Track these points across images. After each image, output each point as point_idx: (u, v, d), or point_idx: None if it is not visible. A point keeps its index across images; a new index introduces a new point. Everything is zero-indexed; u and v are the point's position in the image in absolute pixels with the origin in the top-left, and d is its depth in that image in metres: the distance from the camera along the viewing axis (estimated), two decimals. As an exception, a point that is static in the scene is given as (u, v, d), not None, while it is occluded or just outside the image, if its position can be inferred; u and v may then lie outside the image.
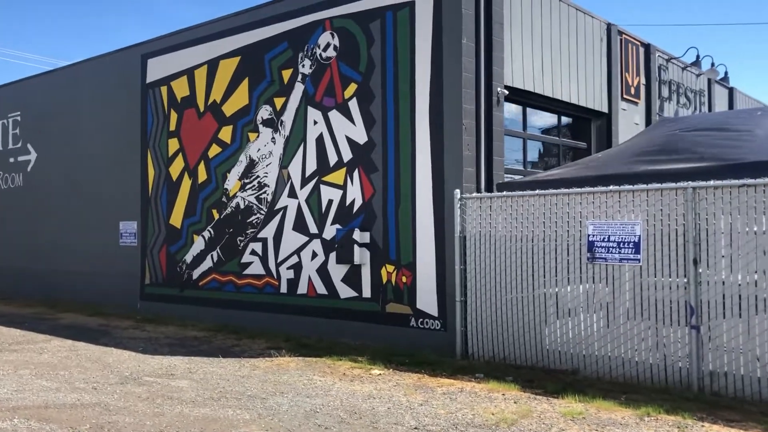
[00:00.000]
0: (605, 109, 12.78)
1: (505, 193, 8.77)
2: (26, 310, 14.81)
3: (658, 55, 14.57)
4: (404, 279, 9.93)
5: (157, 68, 13.82)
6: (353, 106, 10.60)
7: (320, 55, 11.03)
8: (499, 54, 10.02)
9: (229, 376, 8.15)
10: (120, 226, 14.58)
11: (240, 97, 12.23)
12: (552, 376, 7.93)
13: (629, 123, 13.51)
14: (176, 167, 13.38)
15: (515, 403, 6.88)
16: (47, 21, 69.28)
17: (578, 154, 12.82)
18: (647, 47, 14.12)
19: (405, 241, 9.95)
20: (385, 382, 7.84)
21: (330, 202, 10.89)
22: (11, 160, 17.67)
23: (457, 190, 9.16)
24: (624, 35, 13.30)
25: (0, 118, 18.05)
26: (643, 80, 14.02)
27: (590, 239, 7.92)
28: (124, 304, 14.16)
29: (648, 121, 14.12)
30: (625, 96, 13.34)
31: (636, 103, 13.80)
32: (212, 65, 12.71)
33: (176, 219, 13.36)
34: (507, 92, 10.10)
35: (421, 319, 9.74)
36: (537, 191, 8.42)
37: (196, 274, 12.94)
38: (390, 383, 7.80)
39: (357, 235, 10.33)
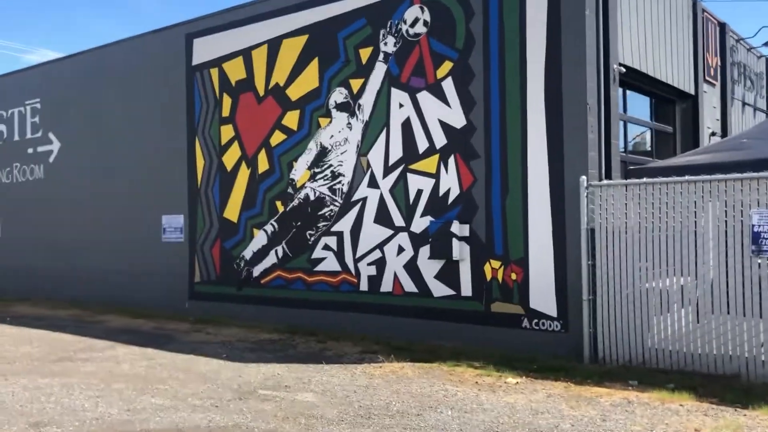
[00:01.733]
0: (692, 91, 12.05)
1: (645, 179, 7.96)
2: (59, 311, 13.73)
3: (729, 35, 13.89)
4: (513, 276, 9.10)
5: (205, 49, 12.76)
6: (448, 86, 9.71)
7: (407, 31, 10.11)
8: (614, 27, 9.20)
9: (352, 387, 7.27)
10: (162, 221, 13.52)
11: (308, 80, 11.25)
12: (714, 382, 7.17)
13: (709, 106, 12.82)
14: (231, 156, 12.36)
15: (706, 416, 6.10)
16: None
17: (662, 138, 12.09)
18: (722, 26, 13.43)
19: (514, 235, 9.11)
20: (533, 393, 7.02)
21: (419, 192, 10.00)
22: (30, 150, 16.44)
23: (583, 177, 8.34)
24: (705, 13, 12.58)
25: (16, 105, 16.79)
26: (719, 61, 13.33)
27: (755, 230, 7.16)
28: (169, 305, 13.14)
29: (723, 104, 13.45)
30: (706, 77, 12.64)
31: (714, 85, 13.11)
32: (274, 45, 11.70)
33: (232, 212, 12.36)
34: (624, 70, 9.29)
35: (535, 320, 8.92)
36: (686, 177, 7.63)
37: (257, 271, 11.97)
38: (539, 393, 6.98)
39: (456, 227, 9.46)
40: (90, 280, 14.88)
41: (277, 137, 11.70)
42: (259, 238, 11.95)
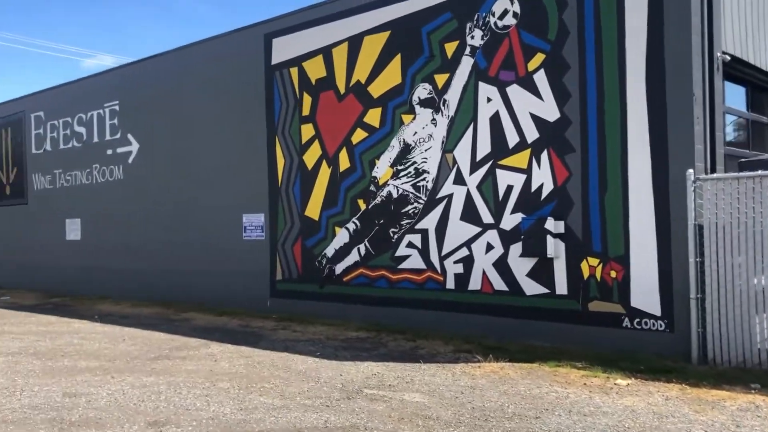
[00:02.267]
0: (790, 79, 11.46)
1: (760, 172, 7.58)
2: (142, 310, 14.00)
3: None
4: (613, 274, 8.80)
5: (285, 48, 12.80)
6: (540, 79, 9.46)
7: (495, 24, 9.90)
8: (718, 13, 8.80)
9: (457, 388, 7.12)
10: (243, 220, 13.64)
11: (390, 76, 11.15)
12: None
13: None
14: (312, 155, 12.37)
15: None
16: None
17: (757, 129, 11.55)
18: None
19: (614, 231, 8.81)
20: (648, 395, 6.74)
21: (509, 188, 9.79)
22: (109, 152, 16.83)
23: (690, 171, 7.99)
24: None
25: (94, 108, 17.21)
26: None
27: None
28: (250, 302, 13.25)
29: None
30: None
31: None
32: (354, 42, 11.64)
33: (313, 210, 12.36)
34: (728, 58, 8.89)
35: (637, 319, 8.61)
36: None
37: (339, 269, 11.95)
38: (655, 396, 6.70)
39: (550, 224, 9.22)
40: (170, 279, 15.14)
41: (359, 135, 11.63)
42: (341, 236, 11.93)
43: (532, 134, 9.56)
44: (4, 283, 20.27)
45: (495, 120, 9.91)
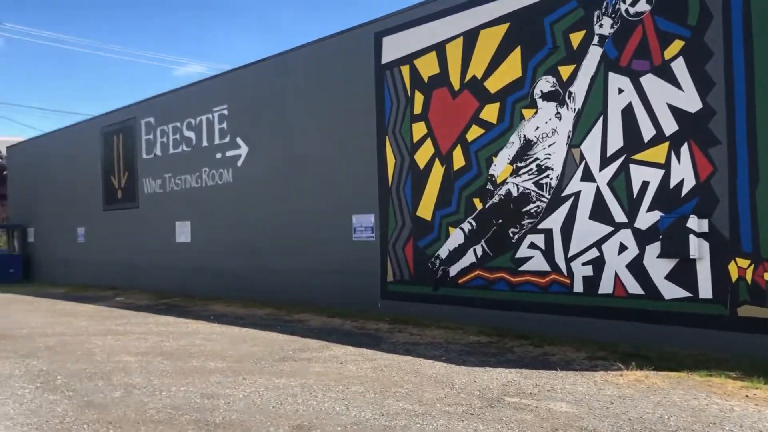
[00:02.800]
0: None
1: None
2: (255, 310, 14.13)
3: None
4: (767, 276, 8.06)
5: (395, 46, 12.61)
6: (678, 67, 8.81)
7: (626, 11, 9.32)
8: None
9: (604, 397, 6.64)
10: (353, 220, 13.54)
11: (509, 70, 10.74)
12: None
13: None
14: (424, 154, 12.11)
15: None
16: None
17: None
18: None
19: (767, 229, 8.07)
20: (829, 411, 6.06)
21: (645, 184, 9.17)
22: (218, 155, 17.18)
23: None
24: None
25: (203, 113, 17.62)
26: None
27: None
28: (360, 304, 13.13)
29: None
30: None
31: None
32: (470, 37, 11.29)
33: (425, 210, 12.09)
34: None
35: (797, 325, 7.84)
36: None
37: (453, 270, 11.62)
38: (839, 412, 6.01)
39: (693, 222, 8.55)
40: (279, 280, 15.26)
41: (474, 132, 11.28)
42: (456, 237, 11.60)
43: (670, 126, 8.92)
44: (116, 283, 21.10)
45: (628, 112, 9.33)
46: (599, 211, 9.65)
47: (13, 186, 28.89)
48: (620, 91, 9.39)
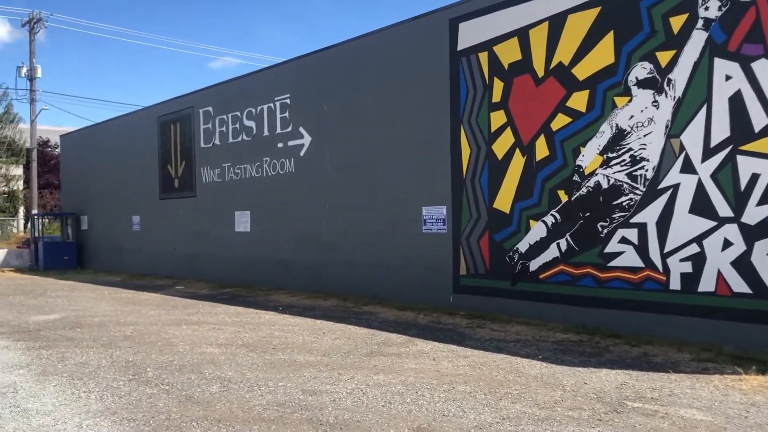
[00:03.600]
0: None
1: None
2: (320, 302, 13.89)
3: None
4: None
5: (472, 32, 12.18)
6: (796, 52, 8.24)
7: (737, -8, 8.76)
8: None
9: (736, 405, 6.20)
10: (423, 212, 13.19)
11: (600, 56, 10.25)
12: None
13: None
14: (503, 144, 11.68)
15: None
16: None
17: None
18: None
19: None
20: None
21: (754, 177, 8.63)
22: (280, 145, 16.96)
23: None
24: None
25: (264, 101, 17.40)
26: None
27: None
28: (430, 297, 12.80)
29: None
30: None
31: None
32: (556, 22, 10.82)
33: (503, 203, 11.68)
34: None
35: None
36: None
37: (534, 265, 11.20)
38: None
39: (811, 218, 8.00)
40: (342, 271, 15.01)
41: (560, 121, 10.81)
42: (537, 230, 11.17)
43: (784, 115, 8.36)
44: (172, 272, 21.12)
45: (736, 100, 8.78)
46: (701, 205, 9.13)
47: (65, 174, 29.19)
48: (727, 77, 8.85)
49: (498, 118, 11.74)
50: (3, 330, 10.77)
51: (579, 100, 10.54)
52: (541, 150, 11.08)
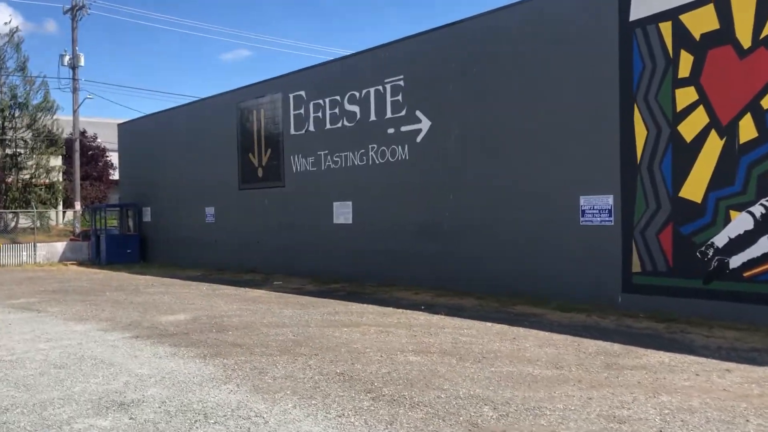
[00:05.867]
0: None
1: None
2: (455, 300, 12.67)
3: None
4: None
5: (649, 0, 10.86)
6: None
7: None
8: None
9: None
10: (581, 202, 11.92)
11: (834, 21, 8.91)
12: None
13: None
14: (691, 124, 10.38)
15: None
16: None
17: None
18: None
19: None
20: None
21: None
22: (390, 131, 15.73)
23: None
24: None
25: (371, 84, 16.17)
26: None
27: None
28: (590, 296, 11.56)
29: None
30: None
31: None
32: (771, -17, 9.48)
33: (692, 191, 10.39)
34: None
35: None
36: None
37: (736, 261, 9.92)
38: None
39: None
40: (471, 265, 13.85)
41: (774, 98, 9.49)
42: (740, 222, 9.87)
43: None
44: (254, 266, 19.99)
45: None
46: None
47: (124, 164, 28.15)
48: None
49: (686, 96, 10.44)
50: (144, 333, 9.65)
51: (802, 73, 9.21)
52: (747, 131, 9.77)
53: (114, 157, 41.64)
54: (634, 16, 11.09)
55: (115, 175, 41.92)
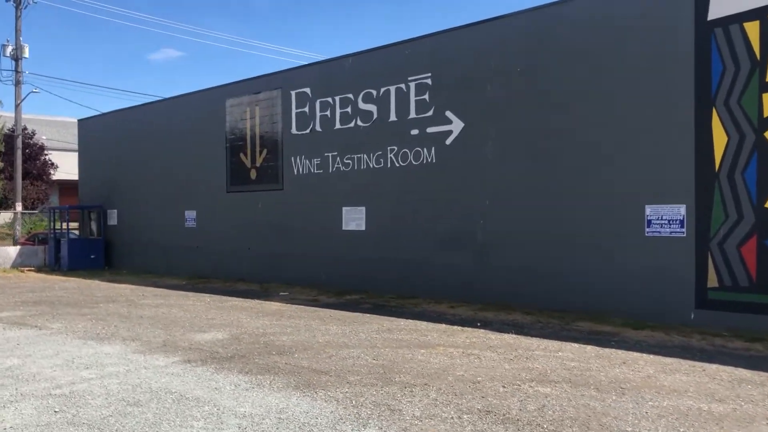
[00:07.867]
0: None
1: None
2: (497, 315, 11.71)
3: None
4: None
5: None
6: None
7: None
8: None
9: None
10: (646, 211, 11.16)
11: None
12: None
13: None
14: (783, 131, 9.75)
15: None
16: None
17: None
18: None
19: None
20: None
21: None
22: (414, 132, 14.67)
23: None
24: None
25: (393, 82, 15.08)
26: None
27: None
28: (657, 314, 10.80)
29: None
30: None
31: None
32: None
33: (783, 202, 9.75)
34: None
35: None
36: None
37: (834, 278, 9.29)
38: None
39: None
40: (510, 278, 12.94)
41: None
42: (838, 236, 9.25)
43: None
44: (243, 274, 18.55)
45: None
46: None
47: (85, 163, 25.98)
48: None
49: (775, 101, 9.80)
50: (193, 356, 8.23)
51: None
52: None
53: (53, 156, 39.18)
54: (713, 15, 10.41)
55: (55, 175, 39.37)
